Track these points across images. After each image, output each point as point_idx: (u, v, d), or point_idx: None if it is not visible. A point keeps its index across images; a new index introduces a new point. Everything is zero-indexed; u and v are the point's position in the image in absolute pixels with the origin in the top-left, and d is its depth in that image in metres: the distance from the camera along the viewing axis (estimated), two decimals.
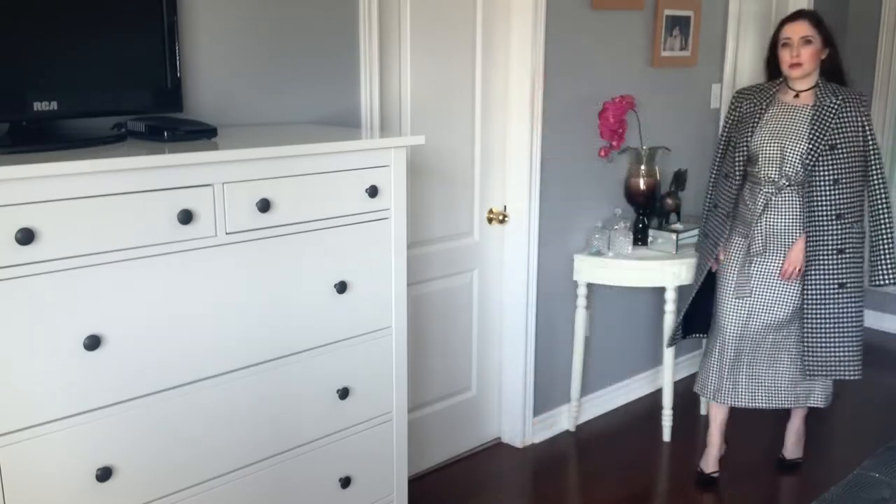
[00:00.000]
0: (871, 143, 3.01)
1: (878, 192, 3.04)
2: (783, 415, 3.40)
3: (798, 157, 2.99)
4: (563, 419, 3.74)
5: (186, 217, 1.90)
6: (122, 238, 1.82)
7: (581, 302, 3.59)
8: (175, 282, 1.92)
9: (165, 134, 2.02)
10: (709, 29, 3.98)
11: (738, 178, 3.13)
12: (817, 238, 3.00)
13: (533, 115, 3.28)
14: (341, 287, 2.25)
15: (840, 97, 3.00)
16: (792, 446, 3.42)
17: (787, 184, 3.03)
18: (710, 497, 3.17)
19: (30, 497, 1.78)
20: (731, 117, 3.22)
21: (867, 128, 3.01)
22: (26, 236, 1.67)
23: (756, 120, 3.10)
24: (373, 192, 2.26)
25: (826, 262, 3.00)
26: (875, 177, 3.03)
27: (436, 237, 3.18)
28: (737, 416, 3.40)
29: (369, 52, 2.72)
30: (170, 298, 1.92)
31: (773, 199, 3.06)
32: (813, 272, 3.02)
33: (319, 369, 2.25)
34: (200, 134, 2.08)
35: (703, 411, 3.82)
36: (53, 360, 1.77)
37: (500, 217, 3.39)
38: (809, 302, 3.05)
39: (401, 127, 2.96)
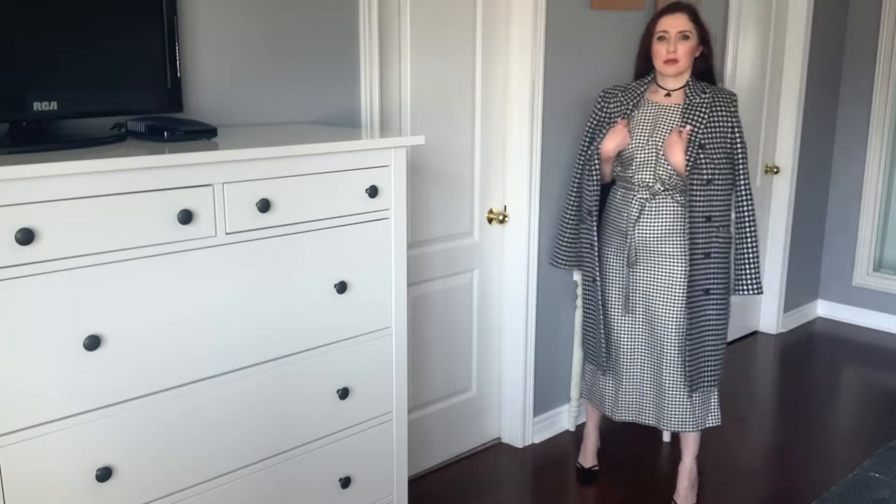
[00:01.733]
0: (738, 144, 2.87)
1: (743, 197, 2.90)
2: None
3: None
4: (563, 419, 3.74)
5: (186, 217, 1.90)
6: (122, 238, 1.82)
7: (581, 302, 3.58)
8: (175, 282, 1.93)
9: (165, 134, 2.02)
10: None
11: (597, 181, 2.98)
12: (691, 242, 2.84)
13: (533, 115, 3.28)
14: (341, 287, 2.25)
15: (708, 94, 2.87)
16: (685, 491, 3.11)
17: (661, 188, 2.88)
18: (707, 496, 3.17)
19: (30, 497, 1.78)
20: (595, 118, 3.04)
21: (736, 128, 2.86)
22: (26, 236, 1.68)
23: (625, 121, 2.94)
24: (373, 192, 2.26)
25: (696, 266, 2.85)
26: (741, 181, 2.89)
27: (436, 237, 3.18)
28: None
29: (369, 52, 2.72)
30: (170, 298, 1.92)
31: (648, 204, 2.90)
32: (690, 278, 2.86)
33: (319, 369, 2.26)
34: (200, 134, 2.08)
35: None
36: (53, 360, 1.77)
37: (500, 217, 3.39)
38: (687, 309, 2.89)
39: (401, 127, 2.96)
